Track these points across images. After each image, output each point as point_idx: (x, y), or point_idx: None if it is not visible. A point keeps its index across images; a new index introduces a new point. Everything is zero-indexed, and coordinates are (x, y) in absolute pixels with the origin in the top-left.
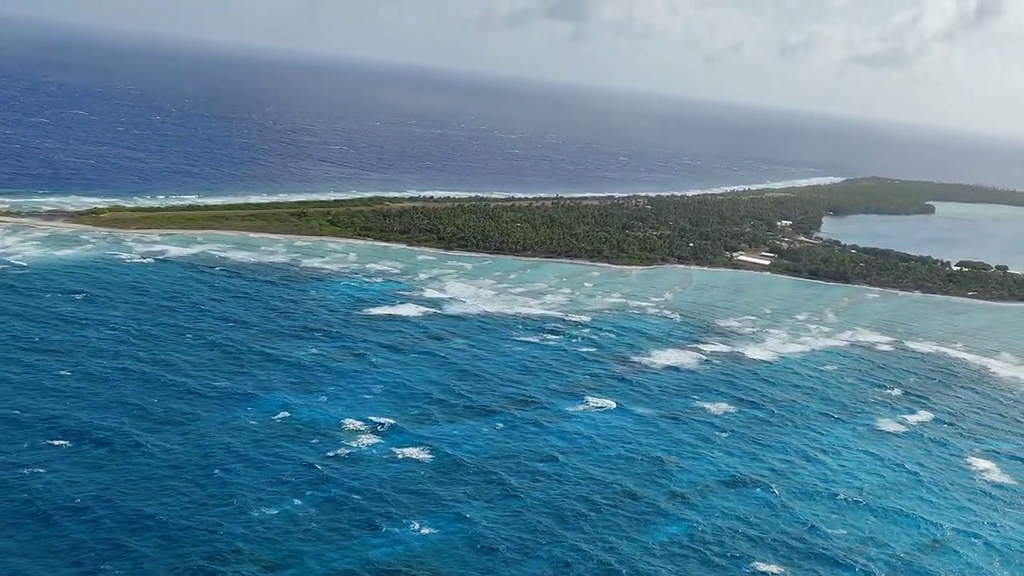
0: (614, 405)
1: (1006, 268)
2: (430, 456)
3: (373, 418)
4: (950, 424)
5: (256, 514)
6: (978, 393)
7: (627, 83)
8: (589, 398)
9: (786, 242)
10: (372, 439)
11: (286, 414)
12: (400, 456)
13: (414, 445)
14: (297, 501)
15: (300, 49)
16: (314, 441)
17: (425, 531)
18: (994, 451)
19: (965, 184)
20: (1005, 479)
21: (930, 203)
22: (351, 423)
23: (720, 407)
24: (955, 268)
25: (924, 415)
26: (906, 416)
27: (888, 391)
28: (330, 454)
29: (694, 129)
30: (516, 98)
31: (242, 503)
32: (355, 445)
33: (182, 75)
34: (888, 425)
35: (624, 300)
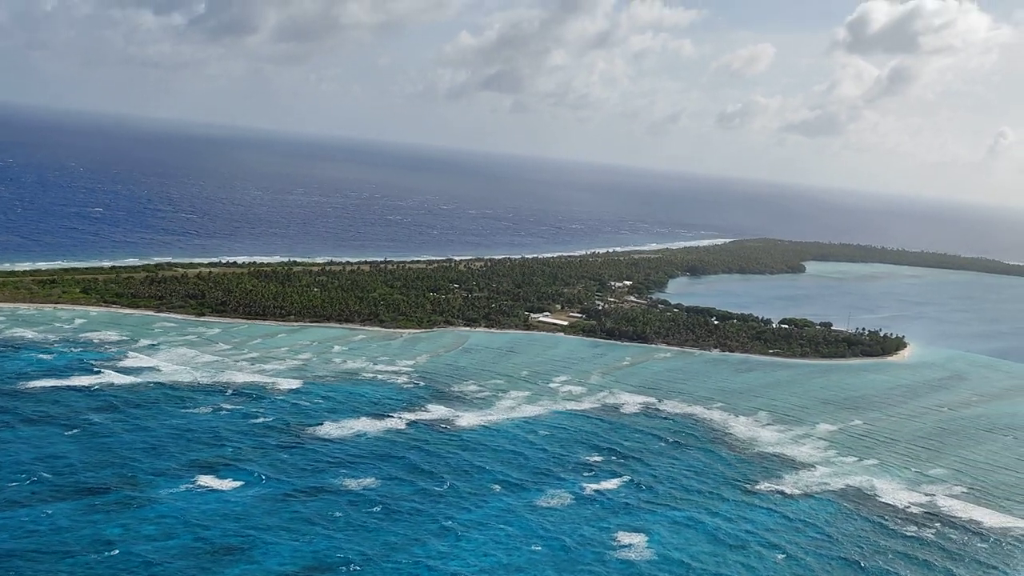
0: (238, 483)
1: (830, 325)
2: None
3: None
4: (644, 489)
5: None
6: (702, 454)
7: (571, 153)
8: (214, 474)
9: (610, 302)
10: None
11: None
12: None
13: None
14: None
15: (247, 126)
16: None
17: None
18: (668, 519)
19: (852, 244)
20: (647, 554)
21: (804, 263)
22: None
23: (370, 480)
24: (776, 326)
25: (617, 482)
26: (595, 484)
27: (594, 457)
28: None
29: (612, 195)
30: (443, 168)
31: None
32: None
33: (81, 149)
34: (563, 495)
35: (366, 365)
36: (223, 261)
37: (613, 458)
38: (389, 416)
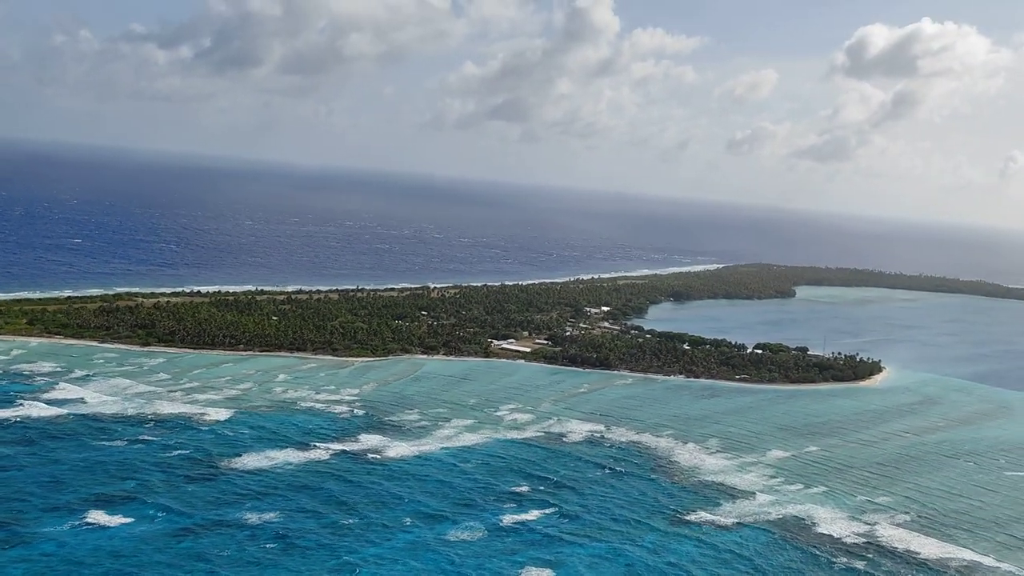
0: (130, 519)
1: (806, 350)
2: None
3: None
4: (569, 520)
5: None
6: (639, 482)
7: (581, 182)
8: (108, 509)
9: (582, 328)
10: None
11: None
12: None
13: None
14: None
15: (259, 158)
16: None
17: None
18: (586, 552)
19: (848, 268)
20: None
21: (796, 287)
22: None
23: (274, 513)
24: (750, 351)
25: (542, 512)
26: (517, 515)
27: (524, 487)
28: None
29: (614, 222)
30: (446, 197)
31: None
32: None
33: (81, 182)
34: (479, 527)
35: (307, 394)
36: (187, 290)
37: (543, 488)
38: (316, 446)
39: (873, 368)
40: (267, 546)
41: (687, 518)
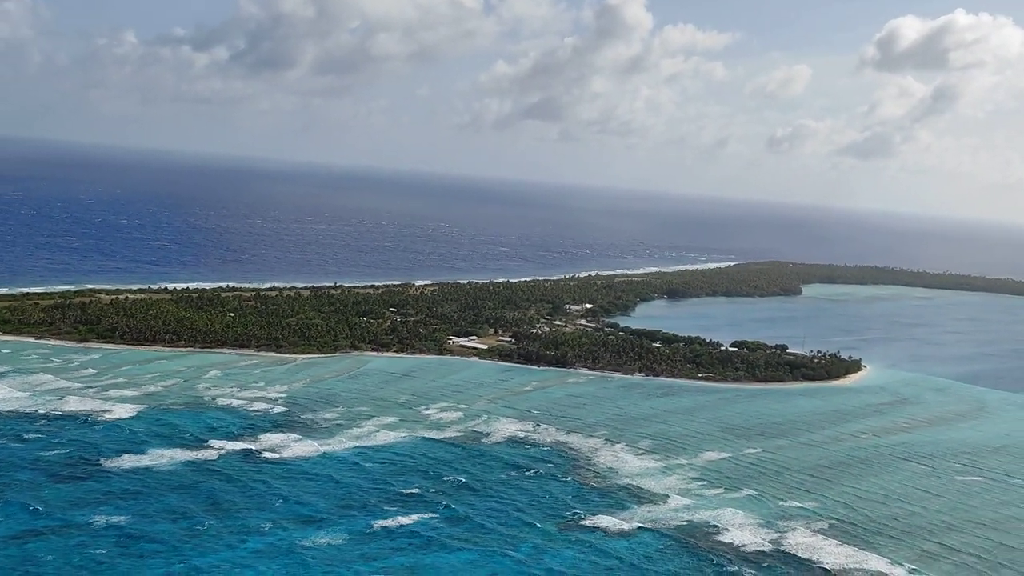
0: None
1: (785, 347)
2: None
3: None
4: (450, 524)
5: None
6: (547, 484)
7: (621, 181)
8: None
9: (556, 326)
10: None
11: None
12: None
13: None
14: None
15: (301, 160)
16: None
17: None
18: (454, 559)
19: (869, 265)
20: None
21: (805, 285)
22: None
23: (123, 516)
24: (725, 348)
25: (420, 516)
26: (395, 518)
27: (416, 489)
28: None
29: (641, 221)
30: (474, 197)
31: None
32: None
33: (107, 183)
34: (343, 532)
35: (231, 391)
36: (153, 287)
37: (436, 490)
38: (211, 445)
39: (850, 367)
40: (100, 551)
41: (584, 522)
